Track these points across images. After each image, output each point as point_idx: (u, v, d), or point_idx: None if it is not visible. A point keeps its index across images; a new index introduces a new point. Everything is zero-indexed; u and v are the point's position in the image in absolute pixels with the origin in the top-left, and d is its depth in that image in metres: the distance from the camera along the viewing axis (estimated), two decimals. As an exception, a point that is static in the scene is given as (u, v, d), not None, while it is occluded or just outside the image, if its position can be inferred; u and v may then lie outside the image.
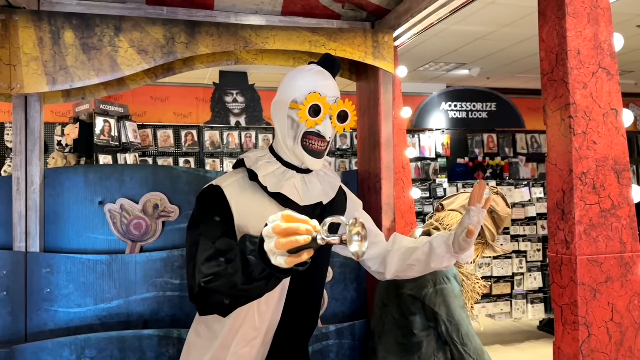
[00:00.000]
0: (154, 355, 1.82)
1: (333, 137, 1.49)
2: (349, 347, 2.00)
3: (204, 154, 7.23)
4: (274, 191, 1.40)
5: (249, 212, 1.39)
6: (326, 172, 1.55)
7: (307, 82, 1.45)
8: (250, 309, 1.40)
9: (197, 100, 7.48)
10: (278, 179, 1.43)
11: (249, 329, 1.41)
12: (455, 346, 1.67)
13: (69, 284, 1.88)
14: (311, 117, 1.40)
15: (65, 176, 1.99)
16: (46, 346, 1.74)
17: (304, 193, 1.43)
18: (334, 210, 1.51)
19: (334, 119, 1.44)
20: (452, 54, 7.05)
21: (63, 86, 1.75)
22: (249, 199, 1.41)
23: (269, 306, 1.41)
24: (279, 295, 1.42)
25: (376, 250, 1.64)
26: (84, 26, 1.77)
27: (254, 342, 1.42)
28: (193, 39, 1.87)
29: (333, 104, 1.44)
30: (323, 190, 1.48)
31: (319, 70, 1.49)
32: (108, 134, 5.43)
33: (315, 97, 1.41)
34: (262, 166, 1.46)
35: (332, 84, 1.48)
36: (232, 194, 1.41)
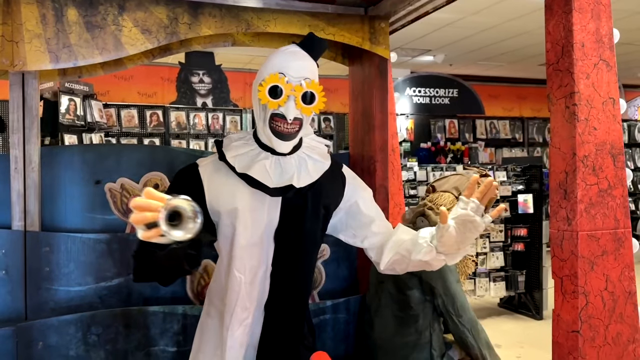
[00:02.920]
0: (159, 331, 1.86)
1: (308, 120, 1.46)
2: (344, 321, 2.10)
3: (170, 135, 7.13)
4: (241, 172, 1.42)
5: (219, 192, 1.45)
6: (311, 155, 1.52)
7: (274, 63, 1.43)
8: (240, 290, 1.45)
9: (162, 79, 7.35)
10: (250, 159, 1.45)
11: (240, 310, 1.46)
12: (451, 317, 1.79)
13: (69, 262, 1.87)
14: (272, 98, 1.38)
15: (62, 155, 1.97)
16: (51, 323, 1.75)
17: (276, 175, 1.43)
18: (319, 194, 1.50)
19: (298, 100, 1.39)
20: (418, 41, 7.19)
21: (66, 64, 1.73)
22: (222, 179, 1.45)
23: (254, 286, 1.46)
24: (262, 274, 1.46)
25: (376, 239, 1.57)
26: (87, 4, 1.75)
27: (246, 322, 1.47)
28: (196, 20, 1.88)
29: (297, 85, 1.39)
30: (299, 173, 1.46)
31: (291, 51, 1.46)
32: (73, 113, 5.29)
33: (275, 78, 1.39)
34: (236, 147, 1.48)
35: (300, 65, 1.43)
36: (206, 172, 1.47)
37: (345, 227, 1.58)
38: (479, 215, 1.31)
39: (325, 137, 7.96)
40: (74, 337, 1.76)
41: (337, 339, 2.11)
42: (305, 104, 1.40)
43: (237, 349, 1.47)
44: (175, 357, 1.86)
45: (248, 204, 1.43)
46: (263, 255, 1.45)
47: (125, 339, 1.81)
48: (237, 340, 1.47)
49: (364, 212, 1.56)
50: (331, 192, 1.54)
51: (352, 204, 1.56)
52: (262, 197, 1.43)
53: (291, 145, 1.44)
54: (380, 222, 1.60)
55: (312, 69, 1.45)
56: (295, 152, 1.49)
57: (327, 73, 8.23)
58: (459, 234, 1.33)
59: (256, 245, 1.44)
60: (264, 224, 1.44)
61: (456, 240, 1.34)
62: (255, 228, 1.44)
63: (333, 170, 1.56)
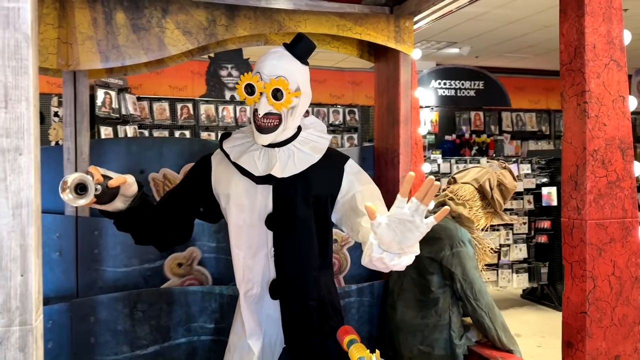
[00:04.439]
0: (198, 309, 2.02)
1: (290, 114, 1.56)
2: (368, 304, 2.23)
3: (199, 127, 7.34)
4: (233, 161, 1.62)
5: (220, 178, 1.67)
6: (301, 148, 1.63)
7: (257, 64, 1.61)
8: (241, 264, 1.66)
9: (192, 73, 7.55)
10: (243, 150, 1.63)
11: (245, 282, 1.67)
12: (469, 301, 1.90)
13: (116, 245, 2.04)
14: (247, 95, 1.57)
15: (109, 147, 2.14)
16: (101, 300, 1.92)
17: (262, 165, 1.59)
18: (308, 185, 1.60)
19: (268, 96, 1.53)
20: (443, 33, 7.22)
21: (115, 63, 1.89)
22: (223, 167, 1.67)
23: (255, 261, 1.64)
24: (264, 254, 1.63)
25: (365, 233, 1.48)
26: (133, 7, 1.90)
27: (252, 292, 1.66)
28: (232, 22, 2.01)
29: (266, 83, 1.53)
30: (283, 164, 1.58)
31: (270, 52, 1.61)
32: (109, 106, 5.51)
33: (248, 77, 1.56)
34: (235, 138, 1.69)
35: (274, 64, 1.56)
36: (215, 161, 1.71)
37: (345, 219, 1.65)
38: (419, 214, 1.21)
39: (350, 129, 8.08)
40: (121, 312, 1.93)
41: (361, 321, 2.24)
42: (275, 100, 1.54)
43: (251, 318, 1.65)
44: (212, 333, 2.02)
45: (241, 190, 1.62)
46: (262, 237, 1.62)
47: (167, 316, 1.98)
48: (247, 310, 1.65)
49: (358, 207, 1.58)
50: (323, 183, 1.63)
51: (350, 197, 1.62)
52: (253, 184, 1.60)
53: (270, 138, 1.58)
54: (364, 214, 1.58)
55: (289, 67, 1.58)
56: (286, 144, 1.63)
57: (352, 66, 8.33)
58: (397, 233, 1.23)
59: (253, 227, 1.62)
60: (257, 209, 1.61)
61: (395, 240, 1.24)
62: (248, 212, 1.62)
63: (331, 163, 1.66)
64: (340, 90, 8.54)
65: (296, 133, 1.65)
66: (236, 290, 1.83)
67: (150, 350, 1.96)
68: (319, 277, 1.66)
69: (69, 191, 1.29)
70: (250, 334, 1.64)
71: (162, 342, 1.97)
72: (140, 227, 1.59)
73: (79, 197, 1.30)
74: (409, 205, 1.22)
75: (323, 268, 1.70)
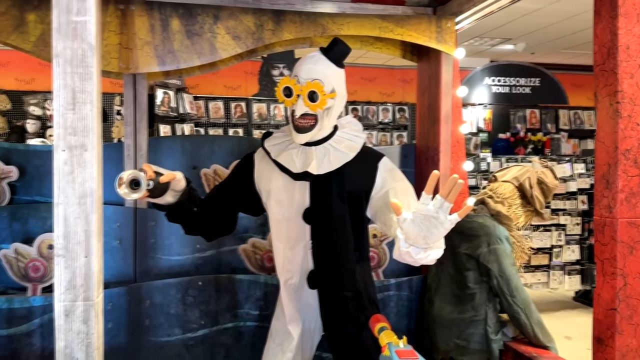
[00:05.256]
0: (244, 296, 2.15)
1: (325, 115, 1.66)
2: (406, 298, 2.29)
3: (252, 125, 7.56)
4: (273, 158, 1.73)
5: (262, 174, 1.78)
6: (336, 146, 1.72)
7: (295, 68, 1.72)
8: (281, 254, 1.77)
9: (245, 73, 7.77)
10: (282, 148, 1.74)
11: (284, 271, 1.77)
12: (505, 297, 1.93)
13: (170, 235, 2.21)
14: (285, 97, 1.68)
15: (165, 144, 2.31)
16: (156, 285, 2.08)
17: (299, 162, 1.69)
18: (343, 181, 1.69)
19: (304, 98, 1.63)
20: (497, 29, 7.09)
21: (171, 67, 2.04)
22: (265, 164, 1.78)
23: (294, 252, 1.73)
24: (303, 246, 1.71)
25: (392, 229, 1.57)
26: (187, 15, 2.04)
27: (291, 282, 1.76)
28: (279, 26, 2.12)
29: (303, 85, 1.63)
30: (319, 161, 1.68)
31: (307, 56, 1.71)
32: (167, 105, 5.79)
33: (286, 80, 1.68)
34: (276, 137, 1.80)
35: (308, 67, 1.66)
36: (258, 158, 1.82)
37: (379, 215, 1.72)
38: (444, 211, 1.26)
39: (399, 127, 8.08)
40: (174, 297, 2.09)
41: (400, 315, 2.30)
42: (311, 101, 1.64)
43: (291, 306, 1.76)
44: (257, 319, 2.14)
45: (281, 186, 1.73)
46: (300, 230, 1.72)
47: (216, 301, 2.12)
48: (287, 298, 1.76)
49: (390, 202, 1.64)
50: (357, 180, 1.71)
51: (383, 194, 1.70)
52: (291, 180, 1.71)
53: (307, 137, 1.69)
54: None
55: (324, 70, 1.68)
56: (323, 143, 1.72)
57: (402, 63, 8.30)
58: (422, 228, 1.29)
59: (291, 221, 1.72)
60: (295, 204, 1.71)
61: (420, 235, 1.30)
62: (287, 206, 1.72)
63: (365, 162, 1.73)
64: (390, 88, 8.54)
65: (332, 132, 1.74)
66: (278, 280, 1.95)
67: (200, 334, 2.11)
68: (354, 269, 1.74)
69: (124, 186, 1.43)
70: (290, 320, 1.74)
71: (210, 326, 2.11)
72: (188, 218, 1.74)
73: (133, 191, 1.44)
74: (434, 202, 1.28)
75: (359, 261, 1.78)
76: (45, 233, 2.04)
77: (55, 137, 1.14)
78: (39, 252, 2.01)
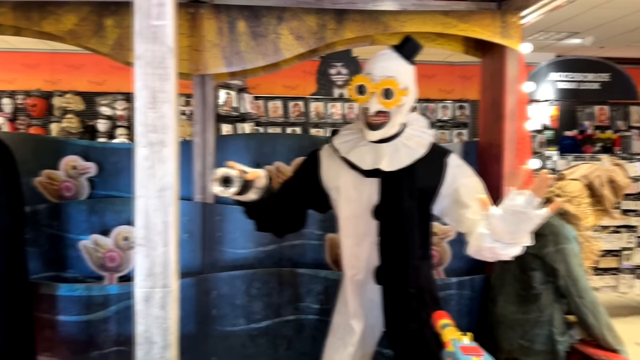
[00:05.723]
0: (305, 290, 2.20)
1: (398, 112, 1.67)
2: (468, 297, 2.26)
3: (309, 124, 7.65)
4: (343, 156, 1.74)
5: (329, 171, 1.80)
6: (406, 143, 1.72)
7: (366, 65, 1.72)
8: (348, 251, 1.78)
9: (304, 72, 7.86)
10: (352, 145, 1.75)
11: (351, 267, 1.79)
12: (573, 298, 1.88)
13: (235, 230, 2.29)
14: (358, 95, 1.68)
15: (231, 142, 2.41)
16: (222, 277, 2.17)
17: (370, 159, 1.69)
18: (413, 178, 1.69)
19: (379, 96, 1.65)
20: (564, 23, 6.82)
21: (237, 67, 2.12)
22: (332, 161, 1.80)
23: (361, 249, 1.75)
24: (369, 242, 1.73)
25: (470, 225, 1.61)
26: (253, 17, 2.12)
27: (357, 278, 1.78)
28: (340, 26, 2.16)
29: (377, 83, 1.65)
30: (390, 158, 1.68)
31: (380, 54, 1.72)
32: (229, 105, 5.97)
33: (359, 78, 1.69)
34: (344, 135, 1.81)
35: (382, 65, 1.68)
36: (324, 155, 1.83)
37: (449, 211, 1.74)
38: (532, 206, 1.31)
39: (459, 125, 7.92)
40: (239, 289, 2.17)
41: (461, 314, 2.28)
42: (385, 99, 1.65)
43: (355, 301, 1.78)
44: (318, 313, 2.19)
45: (349, 183, 1.74)
46: (367, 226, 1.73)
47: (278, 294, 2.18)
48: (352, 293, 1.78)
49: (462, 199, 1.67)
50: (426, 177, 1.72)
51: (453, 190, 1.71)
52: (361, 177, 1.72)
53: (379, 134, 1.70)
54: (478, 209, 1.62)
55: (398, 68, 1.70)
56: (392, 140, 1.72)
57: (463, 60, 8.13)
58: (510, 224, 1.33)
59: (359, 217, 1.74)
60: (364, 201, 1.73)
61: (507, 230, 1.34)
62: (356, 203, 1.74)
63: (434, 158, 1.73)
64: (449, 85, 8.39)
65: (401, 129, 1.75)
66: (340, 275, 1.98)
67: (263, 325, 2.18)
68: (419, 266, 1.76)
69: (218, 183, 1.51)
70: (353, 315, 1.77)
71: (273, 317, 2.18)
72: (265, 215, 1.78)
73: (226, 188, 1.52)
74: (523, 197, 1.32)
75: (423, 258, 1.80)
76: (121, 225, 2.17)
77: (137, 134, 1.22)
78: (116, 243, 2.15)
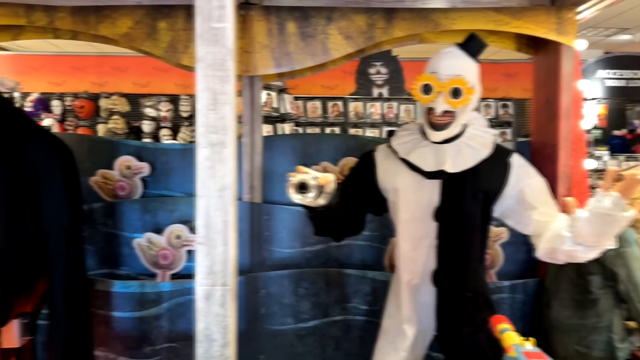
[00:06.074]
0: (352, 291, 2.19)
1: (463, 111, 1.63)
2: (521, 301, 2.20)
3: (348, 124, 7.63)
4: (402, 157, 1.69)
5: (386, 173, 1.76)
6: (469, 143, 1.68)
7: (430, 64, 1.67)
8: (405, 255, 1.74)
9: (343, 72, 7.82)
10: (412, 146, 1.70)
11: (407, 272, 1.75)
12: (633, 304, 1.80)
13: (282, 229, 2.30)
14: (423, 94, 1.63)
15: (277, 142, 2.42)
16: (271, 276, 2.18)
17: (432, 160, 1.65)
18: (477, 179, 1.65)
19: (446, 95, 1.60)
20: (613, 19, 6.58)
21: (286, 68, 2.13)
22: (390, 162, 1.75)
23: (418, 253, 1.70)
24: (427, 245, 1.69)
25: (537, 227, 1.62)
26: (302, 18, 2.12)
27: (413, 282, 1.74)
28: (390, 25, 2.14)
29: (445, 82, 1.60)
30: (453, 159, 1.63)
31: (445, 52, 1.66)
32: (270, 106, 6.02)
33: (425, 77, 1.63)
34: (402, 136, 1.76)
35: (449, 63, 1.63)
36: (379, 157, 1.79)
37: (512, 213, 1.70)
38: (620, 209, 1.29)
39: (502, 124, 7.74)
40: (287, 288, 2.18)
41: (513, 318, 2.20)
42: (453, 98, 1.60)
43: (409, 306, 1.75)
44: (366, 314, 2.18)
45: (409, 185, 1.70)
46: (426, 229, 1.69)
47: (326, 294, 2.18)
48: (406, 297, 1.75)
49: (528, 200, 1.65)
50: (491, 178, 1.67)
51: (518, 191, 1.66)
52: (421, 179, 1.68)
53: (444, 135, 1.66)
54: (545, 210, 1.64)
55: (464, 66, 1.65)
56: (455, 140, 1.68)
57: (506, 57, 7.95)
58: (595, 226, 1.33)
59: (418, 220, 1.70)
60: (423, 203, 1.69)
61: (592, 233, 1.34)
62: (415, 206, 1.70)
63: (497, 158, 1.68)
64: (493, 83, 8.20)
65: (463, 129, 1.70)
66: (388, 277, 1.97)
67: (311, 325, 2.18)
68: (477, 269, 1.72)
69: (295, 190, 1.44)
70: (407, 320, 1.74)
71: (321, 317, 2.18)
72: (329, 220, 1.71)
73: (304, 195, 1.45)
74: (610, 199, 1.30)
75: (480, 261, 1.76)
76: (174, 224, 2.21)
77: (198, 135, 1.24)
78: (168, 242, 2.19)
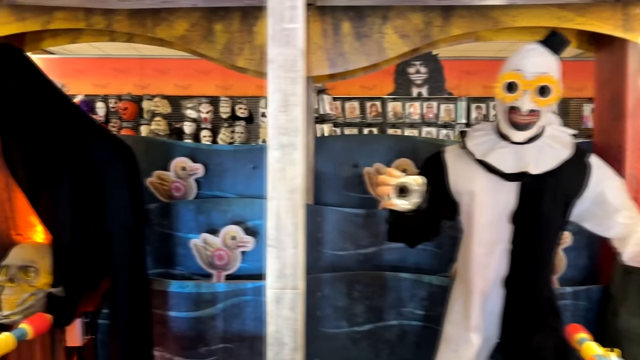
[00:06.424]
0: (408, 295, 2.15)
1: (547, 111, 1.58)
2: (584, 308, 2.11)
3: (387, 124, 7.57)
4: (479, 158, 1.63)
5: (460, 175, 1.69)
6: (551, 144, 1.62)
7: (511, 61, 1.61)
8: (478, 261, 1.66)
9: (382, 72, 7.71)
10: (489, 147, 1.63)
11: (479, 279, 1.68)
12: None
13: (334, 231, 2.28)
14: (507, 93, 1.57)
15: (329, 143, 2.40)
16: (325, 278, 2.16)
17: (512, 162, 1.58)
18: (559, 181, 1.59)
19: (533, 93, 1.54)
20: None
21: (340, 69, 2.10)
22: (462, 164, 1.68)
23: (491, 258, 1.65)
24: (500, 250, 1.63)
25: (621, 229, 1.61)
26: (358, 17, 2.09)
27: (485, 291, 1.68)
28: (447, 22, 2.09)
29: (532, 79, 1.55)
30: (535, 160, 1.58)
31: (528, 49, 1.61)
32: (310, 106, 6.02)
33: (510, 75, 1.57)
34: (476, 136, 1.68)
35: (534, 61, 1.58)
36: (450, 159, 1.73)
37: (591, 215, 1.65)
38: None
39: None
40: (341, 291, 2.15)
41: (576, 325, 2.14)
42: (540, 96, 1.54)
43: (478, 314, 1.68)
44: (422, 319, 2.13)
45: (485, 187, 1.63)
46: (501, 233, 1.63)
47: (380, 298, 2.15)
48: (478, 307, 1.68)
49: (610, 202, 1.61)
50: (572, 180, 1.62)
51: (598, 192, 1.61)
52: (498, 181, 1.62)
53: (527, 135, 1.59)
54: (628, 212, 1.62)
55: (550, 64, 1.59)
56: (534, 141, 1.61)
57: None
58: None
59: (493, 223, 1.63)
60: (500, 206, 1.62)
61: None
62: (491, 209, 1.63)
63: (577, 159, 1.63)
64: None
65: (542, 129, 1.65)
66: (445, 282, 1.92)
67: (365, 328, 2.15)
68: (549, 275, 1.67)
69: (396, 195, 1.36)
70: (474, 328, 1.69)
71: (375, 321, 2.15)
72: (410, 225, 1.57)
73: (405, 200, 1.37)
74: None
75: (551, 267, 1.71)
76: (229, 225, 2.22)
77: (269, 136, 1.23)
78: (224, 243, 2.20)
